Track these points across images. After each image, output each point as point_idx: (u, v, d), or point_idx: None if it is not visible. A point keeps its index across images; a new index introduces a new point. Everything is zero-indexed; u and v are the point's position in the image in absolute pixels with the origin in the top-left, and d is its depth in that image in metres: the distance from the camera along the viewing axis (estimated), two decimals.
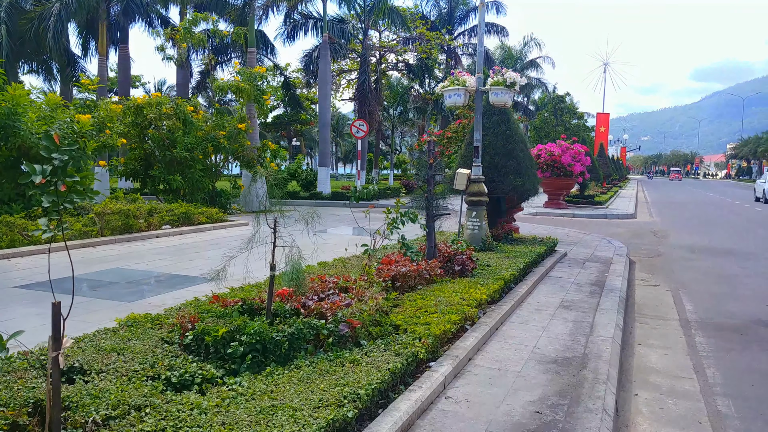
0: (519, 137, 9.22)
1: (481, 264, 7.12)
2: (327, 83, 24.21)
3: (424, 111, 35.54)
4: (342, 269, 6.21)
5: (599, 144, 42.77)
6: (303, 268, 4.17)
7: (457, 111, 24.55)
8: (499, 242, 9.07)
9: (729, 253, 11.95)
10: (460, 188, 8.32)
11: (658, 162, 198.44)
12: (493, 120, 9.22)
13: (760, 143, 79.44)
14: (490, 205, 9.59)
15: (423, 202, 6.55)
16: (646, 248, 12.57)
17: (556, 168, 20.97)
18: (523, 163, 9.04)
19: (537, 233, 13.06)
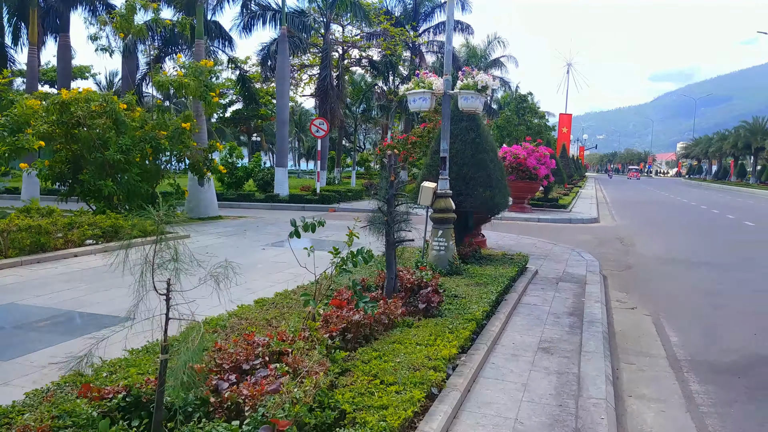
0: (489, 146, 8.41)
1: (448, 294, 6.26)
2: (285, 79, 23.06)
3: (388, 109, 34.67)
4: (284, 310, 5.25)
5: (561, 145, 42.65)
6: (208, 347, 3.16)
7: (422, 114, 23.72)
8: (467, 262, 8.24)
9: (701, 265, 11.43)
10: (425, 204, 7.46)
11: (613, 160, 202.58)
12: (462, 127, 8.39)
13: (711, 143, 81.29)
14: (457, 219, 8.76)
15: (382, 227, 5.64)
16: (614, 259, 11.98)
17: (521, 171, 20.37)
18: (493, 175, 8.23)
19: (504, 244, 12.33)
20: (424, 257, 7.73)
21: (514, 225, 17.84)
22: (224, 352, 3.55)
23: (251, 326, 4.64)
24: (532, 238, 13.67)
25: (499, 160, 8.70)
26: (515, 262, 8.56)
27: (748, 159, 74.66)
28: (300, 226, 3.93)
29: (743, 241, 15.82)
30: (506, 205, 8.62)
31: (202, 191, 14.69)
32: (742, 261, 12.18)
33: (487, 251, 9.48)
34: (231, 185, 24.40)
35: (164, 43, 24.16)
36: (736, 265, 11.65)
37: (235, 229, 13.08)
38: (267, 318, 4.90)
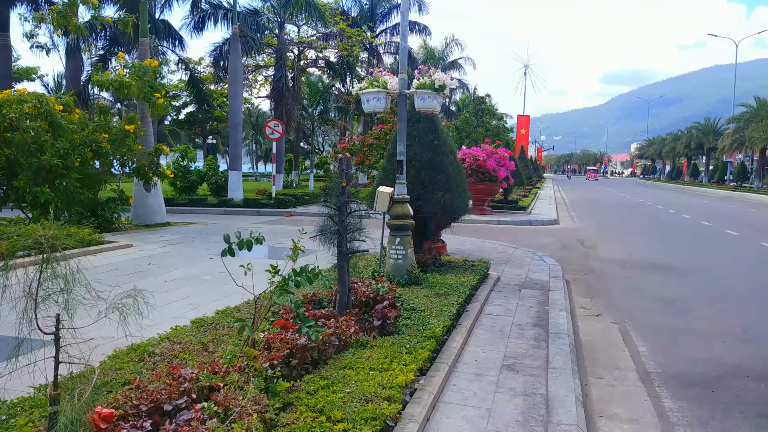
0: (448, 148, 8.05)
1: (406, 307, 5.83)
2: (238, 80, 22.35)
3: (346, 111, 34.18)
4: (224, 331, 4.72)
5: (520, 146, 42.89)
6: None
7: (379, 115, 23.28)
8: (427, 270, 7.85)
9: (662, 269, 11.32)
10: (382, 210, 7.03)
11: (570, 161, 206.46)
12: (419, 128, 8.00)
13: (665, 144, 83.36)
14: (415, 225, 8.35)
15: (334, 237, 5.18)
16: (576, 262, 11.78)
17: (481, 173, 20.17)
18: (453, 178, 7.86)
19: (465, 249, 12.00)
20: (381, 266, 7.30)
21: (474, 228, 17.57)
22: (143, 390, 3.03)
23: (184, 352, 4.12)
24: (493, 241, 13.40)
25: (458, 163, 8.34)
26: (476, 269, 8.20)
27: (700, 159, 76.84)
28: (235, 243, 3.44)
29: (700, 241, 15.91)
30: (467, 210, 8.27)
31: (148, 197, 13.93)
32: (702, 262, 12.14)
33: (448, 258, 9.11)
34: (184, 189, 23.53)
35: (110, 42, 23.14)
36: (696, 267, 11.58)
37: (183, 237, 12.41)
38: (203, 341, 4.38)
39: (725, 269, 11.46)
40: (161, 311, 6.20)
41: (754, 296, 9.06)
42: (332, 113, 37.52)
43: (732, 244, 15.44)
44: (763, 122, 40.24)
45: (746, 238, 16.75)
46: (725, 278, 10.51)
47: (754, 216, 25.33)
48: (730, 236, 17.06)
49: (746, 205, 34.00)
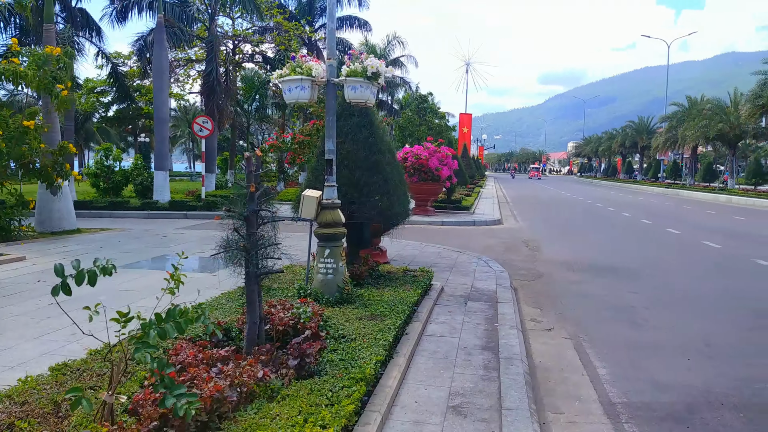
0: (386, 146, 7.18)
1: (334, 334, 4.92)
2: (163, 72, 20.87)
3: (284, 107, 32.88)
4: (90, 382, 3.64)
5: (463, 145, 42.61)
6: None
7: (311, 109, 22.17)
8: (362, 284, 6.95)
9: (610, 271, 10.82)
10: (308, 217, 6.08)
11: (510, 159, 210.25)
12: (353, 123, 7.09)
13: (601, 143, 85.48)
14: (350, 232, 7.45)
15: (240, 255, 4.21)
16: (523, 266, 11.16)
17: (424, 172, 19.47)
18: (391, 180, 6.99)
19: (407, 254, 11.17)
20: (309, 282, 6.35)
21: (417, 230, 16.81)
22: None
23: (25, 419, 3.04)
24: (436, 246, 12.64)
25: (397, 163, 7.48)
26: (418, 281, 7.36)
27: (634, 157, 79.09)
28: (72, 275, 2.43)
29: (644, 240, 15.66)
30: (407, 214, 7.42)
31: (54, 201, 12.46)
32: (649, 264, 11.73)
33: (387, 267, 8.23)
34: (108, 191, 21.85)
35: (20, 31, 21.18)
36: (644, 269, 11.14)
37: (90, 246, 11.07)
38: (57, 400, 3.30)
39: (673, 271, 11.06)
40: (26, 347, 5.07)
41: (707, 301, 8.60)
42: (270, 110, 36.15)
43: (675, 243, 15.24)
44: (694, 121, 41.40)
45: (688, 236, 16.64)
46: (675, 281, 10.07)
47: (690, 213, 25.66)
48: (672, 235, 16.93)
49: (681, 201, 34.73)
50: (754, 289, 9.57)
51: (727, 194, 35.99)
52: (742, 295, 9.06)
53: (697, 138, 40.42)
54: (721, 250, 13.90)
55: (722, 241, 15.28)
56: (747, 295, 9.09)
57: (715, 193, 37.55)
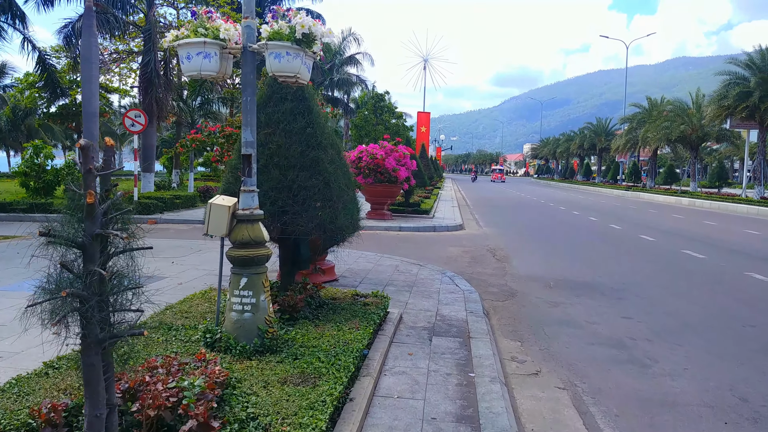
0: (328, 139, 5.53)
1: (239, 416, 3.26)
2: (93, 61, 18.64)
3: (232, 102, 30.82)
4: None
5: (421, 144, 41.23)
6: None
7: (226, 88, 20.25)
8: (297, 318, 5.30)
9: (592, 289, 9.45)
10: (218, 233, 4.40)
11: (467, 160, 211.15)
12: (285, 109, 5.44)
13: (559, 144, 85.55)
14: (283, 250, 5.80)
15: (64, 305, 2.53)
16: (493, 282, 9.70)
17: (380, 173, 17.88)
18: (335, 183, 5.36)
19: (359, 269, 9.56)
20: (219, 324, 4.67)
21: (373, 237, 15.22)
22: None
23: None
24: (393, 257, 11.05)
25: (343, 162, 5.85)
26: (370, 311, 5.75)
27: (591, 159, 79.30)
28: None
29: (618, 249, 14.43)
30: (356, 227, 5.78)
31: None
32: (632, 278, 10.42)
33: (332, 292, 6.58)
34: (38, 191, 19.64)
35: None
36: (628, 285, 9.81)
37: None
38: None
39: (662, 287, 9.76)
40: None
41: (714, 331, 7.25)
42: (215, 105, 34.01)
43: (653, 252, 14.06)
44: (655, 122, 41.03)
45: (665, 244, 15.53)
46: (668, 301, 8.75)
47: (659, 218, 24.83)
48: (647, 242, 15.80)
49: (644, 205, 34.14)
50: (765, 312, 8.30)
51: (690, 197, 35.61)
52: (754, 321, 7.76)
53: (659, 140, 40.05)
54: (706, 261, 12.76)
55: (704, 251, 14.19)
56: (760, 320, 7.80)
57: (677, 196, 37.17)
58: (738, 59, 31.57)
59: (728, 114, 31.70)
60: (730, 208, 30.57)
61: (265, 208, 5.21)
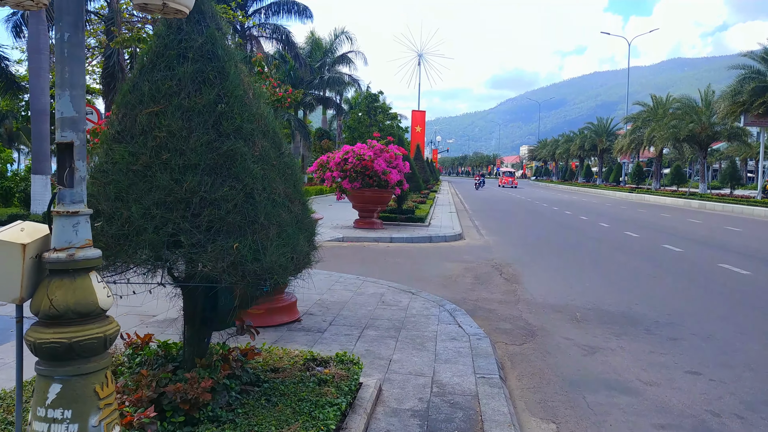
0: (257, 123, 3.35)
1: None
2: (42, 52, 16.57)
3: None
4: None
5: (416, 145, 39.07)
6: None
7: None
8: (196, 424, 3.15)
9: (633, 323, 7.33)
10: (6, 297, 2.28)
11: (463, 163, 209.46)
12: (182, 74, 3.28)
13: (558, 145, 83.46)
14: (186, 300, 3.65)
15: None
16: (504, 314, 7.58)
17: (368, 176, 15.77)
18: (262, 194, 3.18)
19: (332, 300, 7.39)
20: None
21: (359, 250, 13.12)
22: None
23: None
24: (379, 282, 8.88)
25: (287, 158, 3.66)
26: (324, 403, 3.59)
27: (590, 160, 77.18)
28: None
29: (647, 264, 12.29)
30: (302, 263, 3.58)
31: None
32: (679, 306, 8.30)
33: (275, 355, 4.39)
34: None
35: None
36: (680, 317, 7.69)
37: None
38: None
39: (720, 319, 7.65)
40: None
41: None
42: None
43: (686, 266, 11.97)
44: (662, 121, 39.00)
45: (694, 255, 13.45)
46: (738, 342, 6.63)
47: (673, 223, 22.76)
48: (673, 253, 13.71)
49: (653, 208, 32.11)
50: None
51: (700, 200, 33.57)
52: None
53: (666, 139, 38.00)
54: (755, 279, 10.66)
55: (745, 264, 12.11)
56: None
57: (686, 199, 35.13)
58: (754, 53, 29.56)
59: (743, 110, 29.72)
60: (746, 212, 28.55)
61: (144, 237, 3.09)
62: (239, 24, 29.58)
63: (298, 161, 4.81)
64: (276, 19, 31.79)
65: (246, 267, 3.17)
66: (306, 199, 3.96)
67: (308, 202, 4.02)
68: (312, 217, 4.06)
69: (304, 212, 3.82)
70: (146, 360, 3.78)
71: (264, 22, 31.84)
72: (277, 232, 3.33)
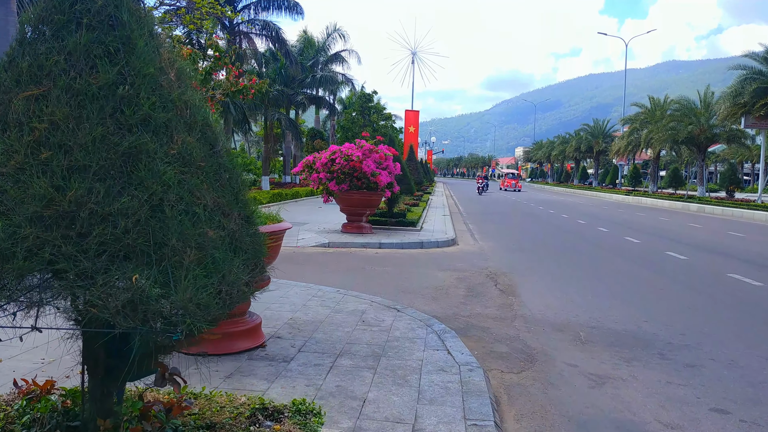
0: (175, 111, 2.57)
1: None
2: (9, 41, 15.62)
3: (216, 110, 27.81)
4: None
5: (409, 146, 38.21)
6: None
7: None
8: None
9: (644, 346, 6.52)
10: None
11: (458, 164, 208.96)
12: (72, 45, 2.48)
13: (554, 147, 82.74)
14: (85, 345, 2.78)
15: None
16: (500, 334, 6.76)
17: (356, 178, 14.94)
18: (176, 206, 2.42)
19: (306, 319, 6.53)
20: None
21: (345, 256, 12.29)
22: None
23: None
24: (362, 296, 8.02)
25: (227, 160, 2.83)
26: None
27: (588, 162, 76.39)
28: None
29: (652, 274, 11.50)
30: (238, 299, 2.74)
31: None
32: (693, 322, 7.49)
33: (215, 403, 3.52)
34: None
35: None
36: (697, 336, 6.88)
37: None
38: None
39: (740, 339, 6.84)
40: None
41: None
42: None
43: (692, 276, 11.19)
44: (661, 123, 38.27)
45: (700, 264, 12.68)
46: (766, 369, 5.82)
47: (673, 227, 22.03)
48: (678, 261, 12.94)
49: (651, 211, 31.38)
50: None
51: (698, 203, 32.86)
52: None
53: (664, 141, 37.27)
54: (766, 291, 9.90)
55: (756, 275, 11.33)
56: None
57: (683, 202, 34.42)
58: (756, 54, 28.85)
59: (744, 112, 29.00)
60: (746, 216, 27.84)
61: (12, 265, 2.26)
62: (228, 20, 28.72)
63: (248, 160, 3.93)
64: (266, 15, 30.98)
65: (148, 307, 2.32)
66: (252, 211, 3.12)
67: (254, 214, 3.18)
68: (260, 232, 3.21)
69: (245, 228, 2.97)
70: (38, 418, 2.92)
71: (254, 19, 31.00)
72: (197, 258, 2.48)
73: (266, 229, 5.20)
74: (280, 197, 27.22)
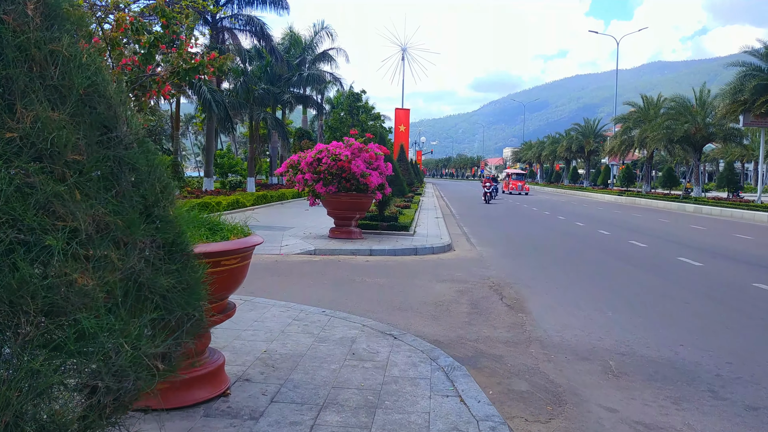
0: (29, 58, 1.53)
1: None
2: None
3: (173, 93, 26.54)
4: None
5: (399, 145, 37.10)
6: None
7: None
8: None
9: (690, 381, 5.43)
10: None
11: (447, 165, 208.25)
12: None
13: (544, 147, 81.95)
14: None
15: None
16: (515, 366, 5.65)
17: (345, 179, 13.82)
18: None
19: (284, 352, 5.36)
20: None
21: (333, 265, 11.16)
22: None
23: None
24: (351, 319, 6.86)
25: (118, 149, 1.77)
26: None
27: (578, 162, 75.68)
28: None
29: (672, 284, 10.43)
30: (132, 396, 1.68)
31: None
32: (739, 347, 6.42)
33: None
34: None
35: None
36: (751, 367, 5.80)
37: None
38: None
39: None
40: None
41: None
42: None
43: (716, 287, 10.15)
44: (655, 122, 37.44)
45: (719, 271, 11.67)
46: None
47: (676, 230, 21.08)
48: (694, 269, 11.92)
49: (648, 212, 30.48)
50: None
51: (695, 203, 32.03)
52: None
53: (659, 140, 36.42)
54: None
55: None
56: None
57: (679, 202, 33.60)
58: (754, 49, 28.03)
59: (744, 109, 28.18)
60: (746, 216, 27.02)
61: None
62: (210, 15, 27.47)
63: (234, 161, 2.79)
64: (250, 9, 29.72)
65: None
66: (178, 233, 1.97)
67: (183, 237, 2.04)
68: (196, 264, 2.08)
69: (164, 262, 1.83)
70: None
71: (237, 13, 29.72)
72: (38, 334, 1.33)
73: (228, 245, 4.06)
74: (266, 199, 26.03)
